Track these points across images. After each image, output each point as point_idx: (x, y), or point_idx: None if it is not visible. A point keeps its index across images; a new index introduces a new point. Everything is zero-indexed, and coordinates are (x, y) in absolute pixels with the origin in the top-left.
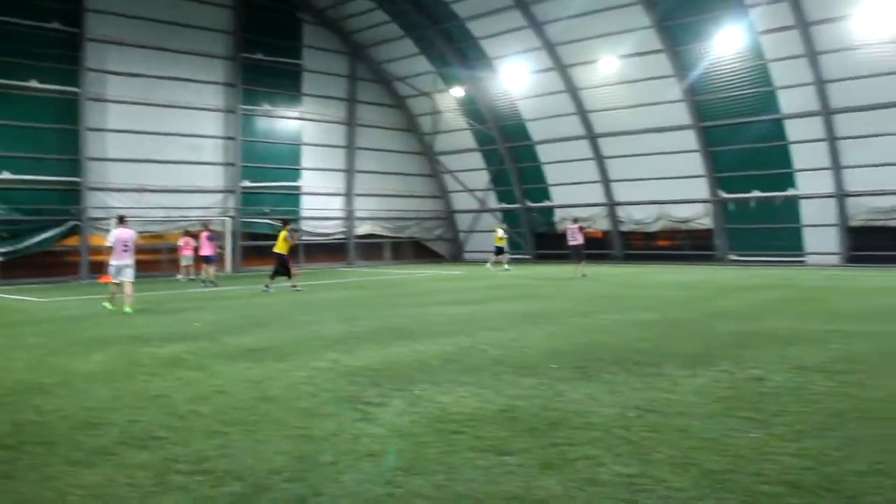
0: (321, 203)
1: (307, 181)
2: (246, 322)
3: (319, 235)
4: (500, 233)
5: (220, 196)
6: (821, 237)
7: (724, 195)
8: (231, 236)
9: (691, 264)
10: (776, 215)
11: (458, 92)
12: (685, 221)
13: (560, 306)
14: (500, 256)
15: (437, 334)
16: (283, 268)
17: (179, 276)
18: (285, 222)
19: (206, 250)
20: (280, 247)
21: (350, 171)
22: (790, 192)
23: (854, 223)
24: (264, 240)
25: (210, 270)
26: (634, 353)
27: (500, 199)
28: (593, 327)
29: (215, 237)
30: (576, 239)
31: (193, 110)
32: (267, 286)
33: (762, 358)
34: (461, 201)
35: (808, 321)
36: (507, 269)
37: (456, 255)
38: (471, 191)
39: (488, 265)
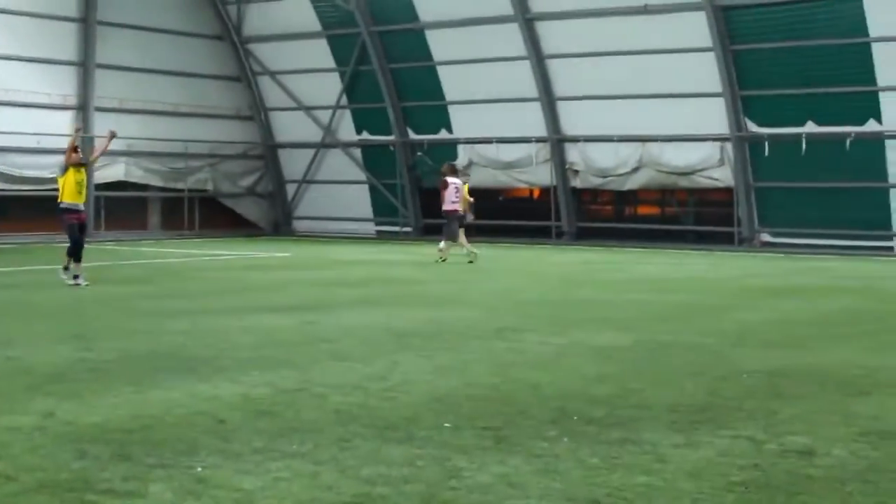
0: (27, 122)
1: None
2: None
3: (23, 183)
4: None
5: None
6: None
7: (755, 129)
8: None
9: (695, 249)
10: (844, 167)
11: None
12: (685, 174)
13: (460, 317)
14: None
15: (240, 365)
16: None
17: None
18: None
19: None
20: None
21: (86, 67)
22: (871, 127)
23: None
24: None
25: None
26: (588, 404)
27: (361, 125)
28: (516, 357)
29: None
30: (453, 203)
31: None
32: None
33: (810, 416)
34: (291, 127)
35: (892, 354)
36: (471, 255)
37: (280, 224)
38: (308, 109)
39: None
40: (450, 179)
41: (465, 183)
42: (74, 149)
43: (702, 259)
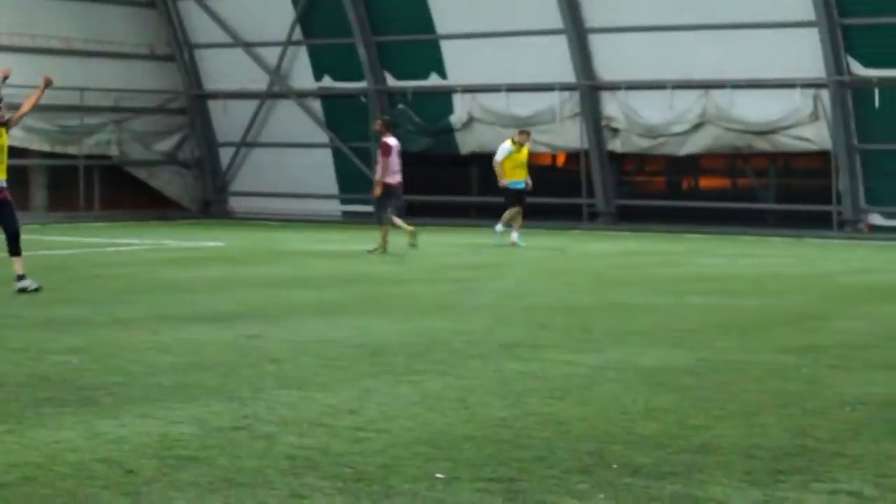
0: None
1: None
2: None
3: None
4: (509, 151)
5: None
6: None
7: (861, 71)
8: None
9: (778, 235)
10: None
11: None
12: (765, 133)
13: (457, 329)
14: (513, 210)
15: (156, 395)
16: None
17: None
18: None
19: None
20: None
21: None
22: None
23: None
24: None
25: None
26: (632, 447)
27: (321, 68)
28: (533, 383)
29: None
30: (397, 173)
31: None
32: None
33: None
34: (225, 71)
35: None
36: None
37: (211, 203)
38: (249, 45)
39: (498, 228)
40: (390, 141)
41: (521, 145)
42: None
43: (787, 249)
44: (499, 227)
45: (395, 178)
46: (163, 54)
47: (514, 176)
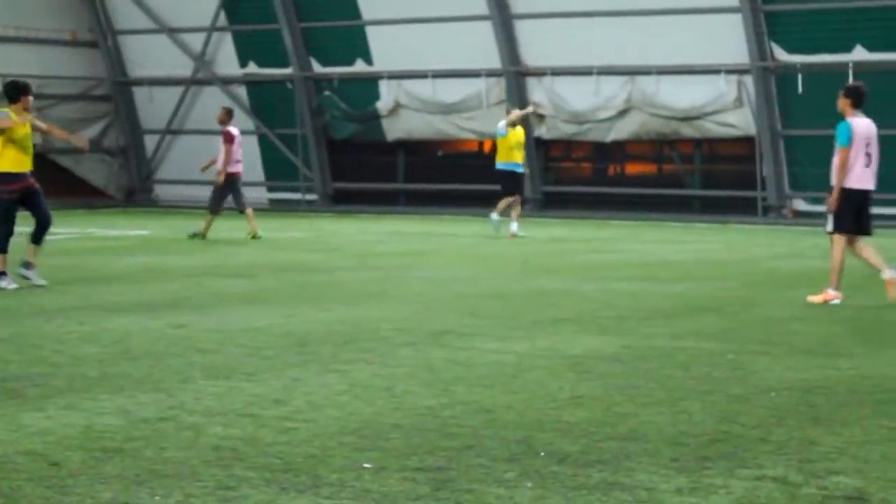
0: None
1: None
2: None
3: None
4: (506, 131)
5: None
6: None
7: (784, 57)
8: None
9: (703, 221)
10: None
11: None
12: (690, 119)
13: (385, 317)
14: (508, 199)
15: (81, 386)
16: None
17: None
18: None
19: None
20: None
21: None
22: None
23: None
24: None
25: None
26: (559, 435)
27: (247, 54)
28: (461, 371)
29: None
30: (239, 162)
31: None
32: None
33: (861, 449)
34: (150, 57)
35: None
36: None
37: (136, 191)
38: (174, 31)
39: (494, 217)
40: (233, 130)
41: (513, 125)
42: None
43: (713, 235)
44: (494, 215)
45: (238, 168)
46: (86, 40)
47: (509, 157)
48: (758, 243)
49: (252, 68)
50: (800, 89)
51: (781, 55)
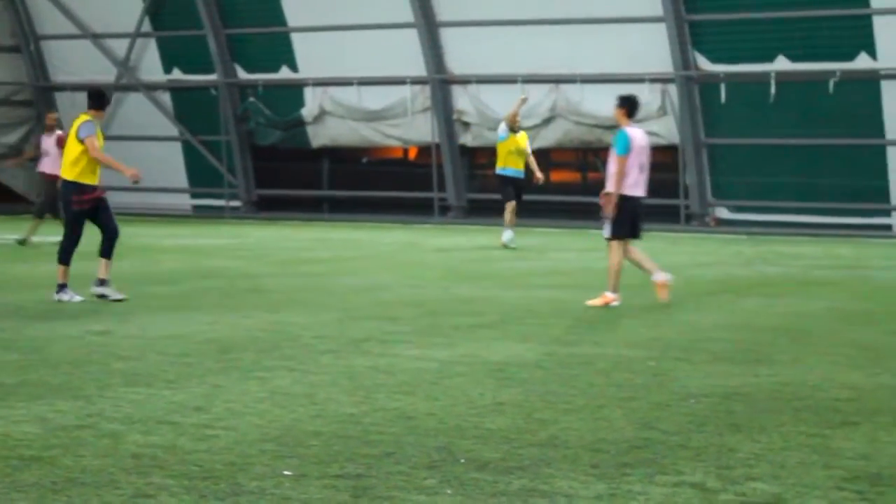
0: None
1: None
2: None
3: None
4: (506, 135)
5: None
6: None
7: (707, 66)
8: None
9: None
10: (827, 118)
11: None
12: (614, 127)
13: (307, 324)
14: (511, 205)
15: None
16: None
17: None
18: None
19: None
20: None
21: None
22: (862, 63)
23: None
24: None
25: None
26: (480, 442)
27: (171, 60)
28: (383, 378)
29: None
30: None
31: None
32: None
33: (778, 455)
34: (72, 63)
35: (882, 368)
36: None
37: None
38: (97, 37)
39: (508, 235)
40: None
41: (513, 129)
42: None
43: (636, 243)
44: (509, 232)
45: (45, 169)
46: (7, 45)
47: (510, 163)
48: (680, 251)
49: (176, 74)
50: (723, 98)
51: (705, 64)
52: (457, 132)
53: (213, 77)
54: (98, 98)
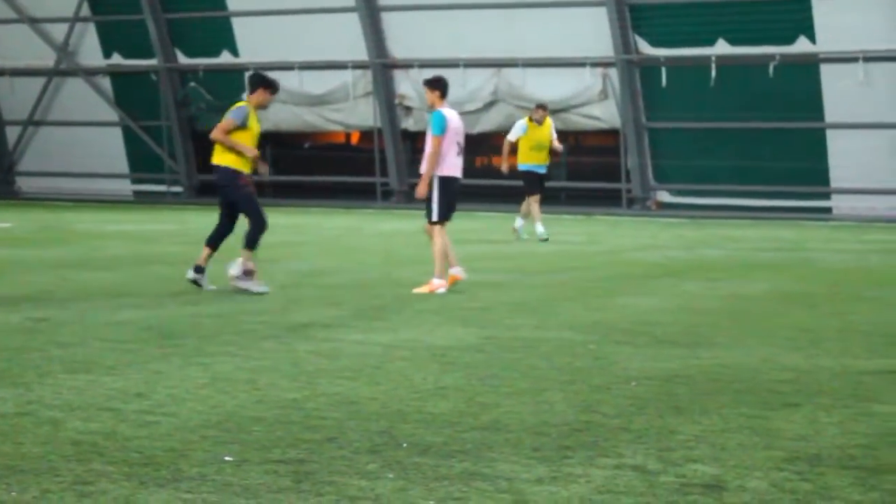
0: None
1: None
2: None
3: None
4: (524, 130)
5: None
6: (869, 157)
7: (648, 50)
8: None
9: (570, 213)
10: (767, 102)
11: None
12: (556, 111)
13: (249, 309)
14: (532, 198)
15: None
16: None
17: None
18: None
19: None
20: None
21: None
22: (802, 47)
23: None
24: None
25: None
26: (422, 426)
27: (111, 45)
28: (325, 363)
29: None
30: None
31: None
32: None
33: (719, 437)
34: (11, 47)
35: (821, 349)
36: None
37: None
38: (35, 21)
39: (518, 223)
40: None
41: (539, 122)
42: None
43: (578, 226)
44: (540, 226)
45: None
46: None
47: (530, 159)
48: (622, 235)
49: (116, 59)
50: (664, 82)
51: (646, 48)
52: (399, 117)
53: (153, 62)
54: (250, 82)
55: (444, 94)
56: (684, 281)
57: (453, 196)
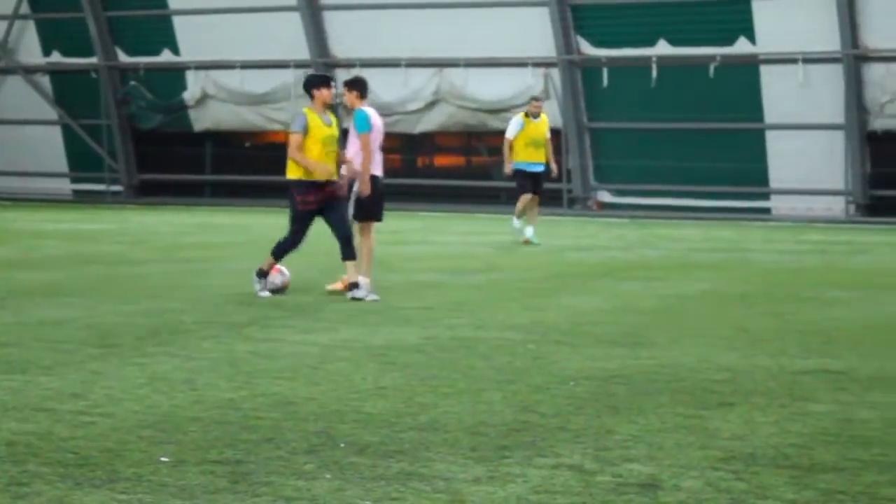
0: None
1: None
2: None
3: None
4: (520, 126)
5: None
6: (808, 159)
7: (590, 50)
8: None
9: (509, 213)
10: (707, 102)
11: None
12: (497, 111)
13: (187, 308)
14: (524, 197)
15: None
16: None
17: None
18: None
19: None
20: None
21: None
22: (742, 48)
23: (880, 125)
24: None
25: None
26: (360, 426)
27: (50, 43)
28: (263, 362)
29: None
30: None
31: None
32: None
33: (655, 436)
34: None
35: (758, 349)
36: None
37: None
38: None
39: (516, 223)
40: None
41: (534, 116)
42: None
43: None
44: (516, 222)
45: None
46: None
47: (527, 156)
48: (563, 234)
49: (56, 57)
50: (605, 82)
51: (587, 49)
52: (340, 116)
53: (93, 60)
54: (305, 89)
55: (362, 95)
56: (624, 281)
57: (379, 194)
